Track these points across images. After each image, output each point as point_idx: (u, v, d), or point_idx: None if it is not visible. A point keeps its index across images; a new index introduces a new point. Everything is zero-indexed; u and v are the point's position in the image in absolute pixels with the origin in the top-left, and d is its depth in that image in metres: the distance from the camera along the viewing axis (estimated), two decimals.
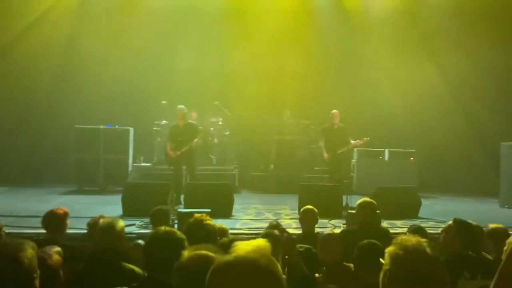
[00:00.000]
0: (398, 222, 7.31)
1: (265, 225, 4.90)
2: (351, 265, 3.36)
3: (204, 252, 1.65)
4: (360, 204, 4.95)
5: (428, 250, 1.85)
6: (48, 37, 11.93)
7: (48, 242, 3.61)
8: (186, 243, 2.42)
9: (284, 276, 1.19)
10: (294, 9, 12.75)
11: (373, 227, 4.87)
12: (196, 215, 3.17)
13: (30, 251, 2.01)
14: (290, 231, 5.44)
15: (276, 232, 3.81)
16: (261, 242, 1.22)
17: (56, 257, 2.61)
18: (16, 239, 2.16)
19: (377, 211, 5.28)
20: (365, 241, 3.22)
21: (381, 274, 1.91)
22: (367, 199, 5.13)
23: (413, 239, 1.89)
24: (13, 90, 11.85)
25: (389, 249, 1.89)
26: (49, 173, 11.87)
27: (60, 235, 4.23)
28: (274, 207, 8.84)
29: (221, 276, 1.11)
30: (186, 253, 1.67)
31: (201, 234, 2.93)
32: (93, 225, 3.86)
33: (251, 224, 7.07)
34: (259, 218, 7.65)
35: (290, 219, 7.52)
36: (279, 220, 7.04)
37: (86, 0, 12.33)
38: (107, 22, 12.03)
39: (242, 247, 1.16)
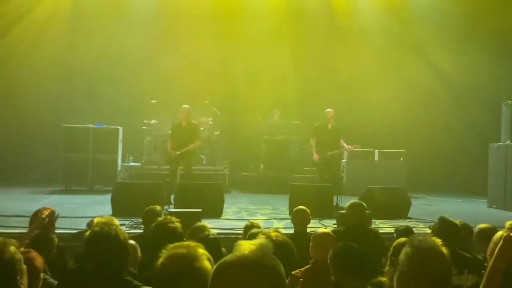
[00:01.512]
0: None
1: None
2: None
3: (182, 250, 1.58)
4: (350, 206, 5.01)
5: (444, 251, 1.85)
6: (38, 38, 11.83)
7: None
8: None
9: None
10: (284, 9, 12.76)
11: (363, 228, 4.91)
12: (159, 218, 3.21)
13: (11, 251, 1.95)
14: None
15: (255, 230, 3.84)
16: (263, 241, 1.21)
17: (39, 260, 2.57)
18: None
19: (367, 212, 5.32)
20: (340, 244, 3.21)
21: (396, 274, 1.90)
22: (357, 200, 5.17)
23: (429, 240, 1.89)
24: (1, 89, 11.70)
25: (405, 250, 1.88)
26: (37, 172, 11.76)
27: None
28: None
29: (226, 275, 1.11)
30: (163, 254, 1.61)
31: (164, 238, 2.92)
32: (90, 226, 3.83)
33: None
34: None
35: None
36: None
37: (77, 1, 12.24)
38: (97, 22, 11.97)
39: (245, 247, 1.15)
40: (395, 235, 4.80)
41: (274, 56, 12.55)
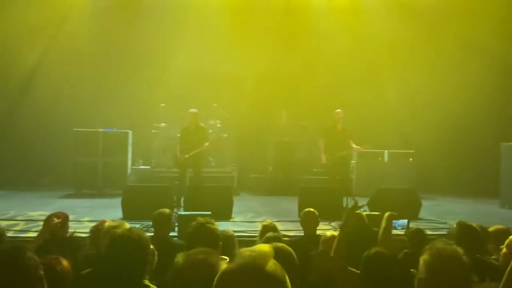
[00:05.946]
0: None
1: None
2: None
3: (201, 256, 1.61)
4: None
5: (464, 259, 1.82)
6: (45, 40, 11.92)
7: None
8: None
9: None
10: (292, 9, 12.74)
11: (364, 232, 4.85)
12: (200, 218, 3.15)
13: (29, 255, 1.99)
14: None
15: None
16: (265, 247, 1.20)
17: (65, 264, 2.60)
18: (14, 243, 2.14)
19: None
20: (373, 250, 3.10)
21: (416, 282, 1.88)
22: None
23: (448, 248, 1.86)
24: (10, 93, 11.82)
25: (424, 257, 1.85)
26: (47, 176, 11.84)
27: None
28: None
29: (228, 284, 1.09)
30: (181, 258, 1.63)
31: (203, 238, 2.92)
32: (95, 231, 3.84)
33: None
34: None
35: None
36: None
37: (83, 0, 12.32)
38: (105, 23, 12.01)
39: (247, 254, 1.14)
40: (405, 237, 4.76)
41: (281, 57, 12.53)
